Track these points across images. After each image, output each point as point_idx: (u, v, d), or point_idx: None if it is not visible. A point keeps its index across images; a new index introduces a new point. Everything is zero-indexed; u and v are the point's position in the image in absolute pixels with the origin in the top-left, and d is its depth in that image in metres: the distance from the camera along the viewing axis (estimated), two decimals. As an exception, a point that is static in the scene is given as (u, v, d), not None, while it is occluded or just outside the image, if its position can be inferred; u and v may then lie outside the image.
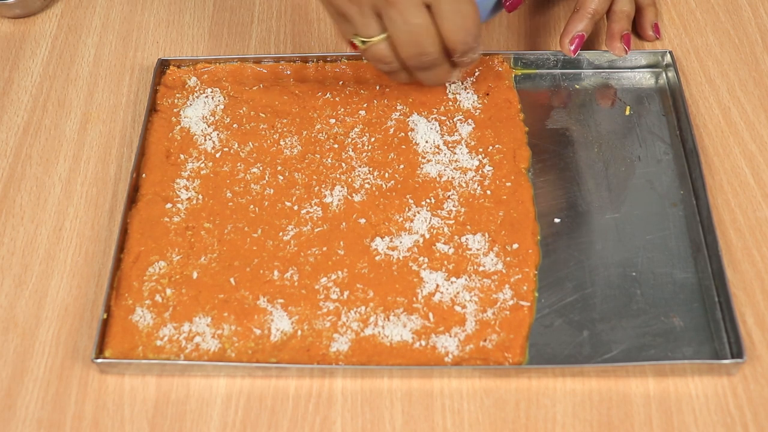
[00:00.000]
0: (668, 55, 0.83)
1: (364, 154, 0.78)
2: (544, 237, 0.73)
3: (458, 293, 0.69)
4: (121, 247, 0.72)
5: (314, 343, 0.67)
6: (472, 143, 0.78)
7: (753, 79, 0.84)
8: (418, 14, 0.66)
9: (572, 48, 0.81)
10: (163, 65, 0.84)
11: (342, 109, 0.81)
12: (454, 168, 0.76)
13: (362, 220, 0.73)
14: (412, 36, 0.67)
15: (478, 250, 0.71)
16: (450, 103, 0.81)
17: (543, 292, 0.70)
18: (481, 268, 0.70)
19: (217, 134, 0.79)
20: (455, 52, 0.69)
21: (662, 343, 0.67)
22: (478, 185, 0.75)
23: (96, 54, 0.88)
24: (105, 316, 0.68)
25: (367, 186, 0.76)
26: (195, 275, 0.70)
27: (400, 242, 0.72)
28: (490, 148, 0.78)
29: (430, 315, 0.68)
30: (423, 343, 0.67)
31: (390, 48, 0.69)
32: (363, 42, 0.69)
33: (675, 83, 0.81)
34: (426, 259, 0.71)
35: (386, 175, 0.76)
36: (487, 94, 0.82)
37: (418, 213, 0.74)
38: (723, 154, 0.78)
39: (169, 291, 0.70)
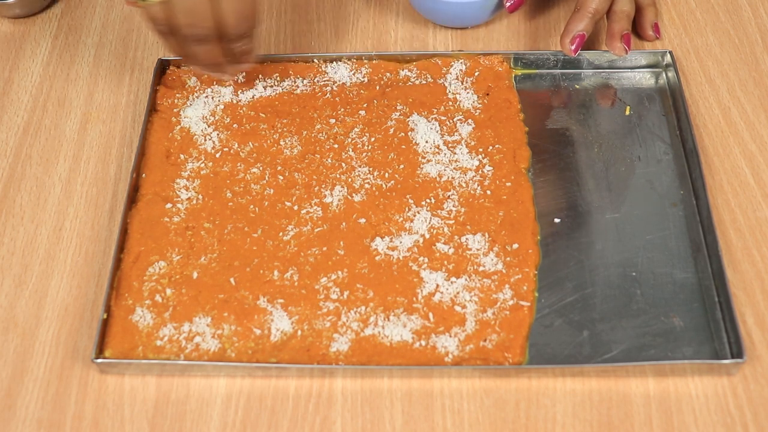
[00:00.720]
0: (668, 55, 0.83)
1: (364, 154, 0.78)
2: (544, 237, 0.73)
3: (458, 293, 0.69)
4: (121, 247, 0.72)
5: (314, 343, 0.67)
6: (472, 143, 0.78)
7: (753, 79, 0.84)
8: None
9: (573, 48, 0.81)
10: (163, 65, 0.84)
11: (342, 109, 0.81)
12: (454, 168, 0.76)
13: (362, 220, 0.73)
14: (188, 5, 0.69)
15: (478, 250, 0.71)
16: (450, 103, 0.81)
17: (543, 292, 0.70)
18: (481, 268, 0.70)
19: (217, 134, 0.79)
20: (228, 34, 0.72)
21: (662, 343, 0.67)
22: (478, 185, 0.75)
23: (96, 54, 0.88)
24: (105, 316, 0.68)
25: (367, 186, 0.76)
26: (195, 275, 0.70)
27: (400, 242, 0.72)
28: (490, 148, 0.78)
29: (430, 315, 0.68)
30: (423, 343, 0.67)
31: (165, 12, 0.70)
32: (142, 0, 0.70)
33: (675, 83, 0.81)
34: (426, 259, 0.71)
35: (386, 175, 0.76)
36: (487, 94, 0.82)
37: (418, 213, 0.74)
38: (723, 154, 0.78)
39: (169, 291, 0.70)
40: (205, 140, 0.79)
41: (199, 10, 0.69)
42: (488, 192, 0.75)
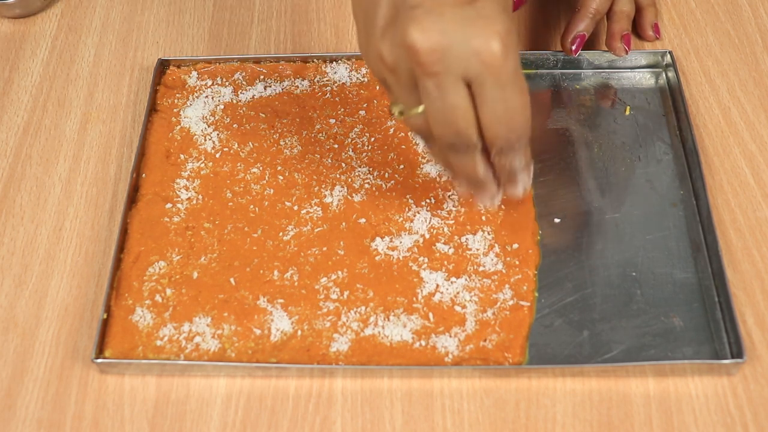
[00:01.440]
0: (668, 55, 0.83)
1: (364, 154, 0.78)
2: (544, 237, 0.73)
3: (458, 293, 0.69)
4: (121, 247, 0.72)
5: (314, 343, 0.67)
6: (472, 143, 0.78)
7: (753, 79, 0.84)
8: (455, 91, 0.58)
9: (573, 48, 0.81)
10: (163, 65, 0.84)
11: (342, 109, 0.81)
12: (454, 168, 0.76)
13: (362, 220, 0.73)
14: (445, 113, 0.59)
15: (478, 250, 0.71)
16: (450, 103, 0.81)
17: (543, 292, 0.70)
18: (481, 268, 0.70)
19: (217, 134, 0.79)
20: (491, 147, 0.61)
21: (662, 343, 0.67)
22: (478, 185, 0.75)
23: (96, 54, 0.88)
24: (105, 316, 0.68)
25: (367, 186, 0.76)
26: (195, 275, 0.70)
27: (400, 242, 0.72)
28: (490, 148, 0.78)
29: (430, 315, 0.68)
30: (423, 343, 0.67)
31: (425, 122, 0.61)
32: (400, 113, 0.62)
33: (675, 83, 0.81)
34: (426, 259, 0.71)
35: (386, 175, 0.76)
36: (487, 94, 0.82)
37: (418, 213, 0.74)
38: (723, 154, 0.78)
39: (169, 291, 0.70)
40: (205, 140, 0.79)
41: (456, 116, 0.58)
42: (488, 192, 0.75)
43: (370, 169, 0.77)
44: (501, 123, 0.59)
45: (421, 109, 0.60)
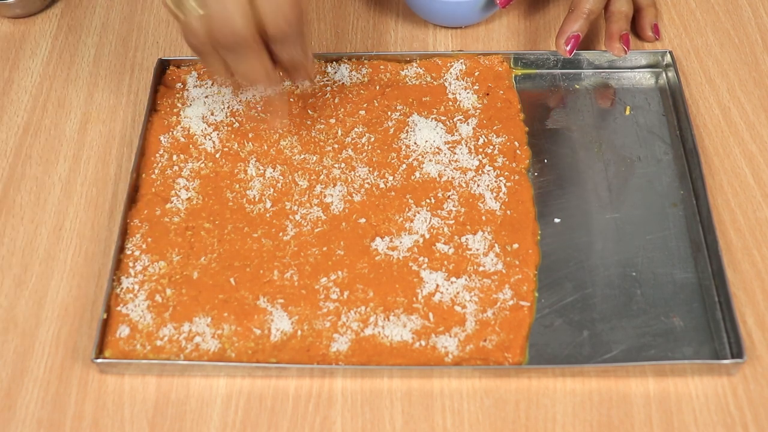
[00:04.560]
0: (668, 55, 0.83)
1: (364, 154, 0.78)
2: (544, 237, 0.73)
3: (458, 293, 0.69)
4: (121, 247, 0.72)
5: (314, 343, 0.67)
6: (472, 143, 0.78)
7: (753, 79, 0.84)
8: None
9: (568, 48, 0.81)
10: (163, 65, 0.84)
11: (342, 109, 0.81)
12: (454, 168, 0.76)
13: (362, 220, 0.73)
14: (224, 10, 0.62)
15: (477, 250, 0.71)
16: (450, 103, 0.81)
17: (543, 292, 0.70)
18: (481, 268, 0.70)
19: (217, 134, 0.79)
20: (270, 39, 0.65)
21: (662, 343, 0.67)
22: (478, 185, 0.75)
23: (96, 54, 0.88)
24: (105, 316, 0.68)
25: (367, 186, 0.76)
26: (195, 275, 0.70)
27: (400, 242, 0.72)
28: (490, 148, 0.78)
29: (430, 315, 0.68)
30: (423, 343, 0.67)
31: (204, 26, 0.64)
32: (182, 12, 0.64)
33: (675, 83, 0.81)
34: (426, 259, 0.71)
35: (386, 175, 0.76)
36: (487, 94, 0.82)
37: (418, 213, 0.74)
38: (723, 154, 0.78)
39: (169, 291, 0.70)
40: (205, 140, 0.79)
41: (235, 12, 0.62)
42: (488, 192, 0.75)
43: (370, 169, 0.77)
44: (276, 13, 0.63)
45: (200, 11, 0.63)
